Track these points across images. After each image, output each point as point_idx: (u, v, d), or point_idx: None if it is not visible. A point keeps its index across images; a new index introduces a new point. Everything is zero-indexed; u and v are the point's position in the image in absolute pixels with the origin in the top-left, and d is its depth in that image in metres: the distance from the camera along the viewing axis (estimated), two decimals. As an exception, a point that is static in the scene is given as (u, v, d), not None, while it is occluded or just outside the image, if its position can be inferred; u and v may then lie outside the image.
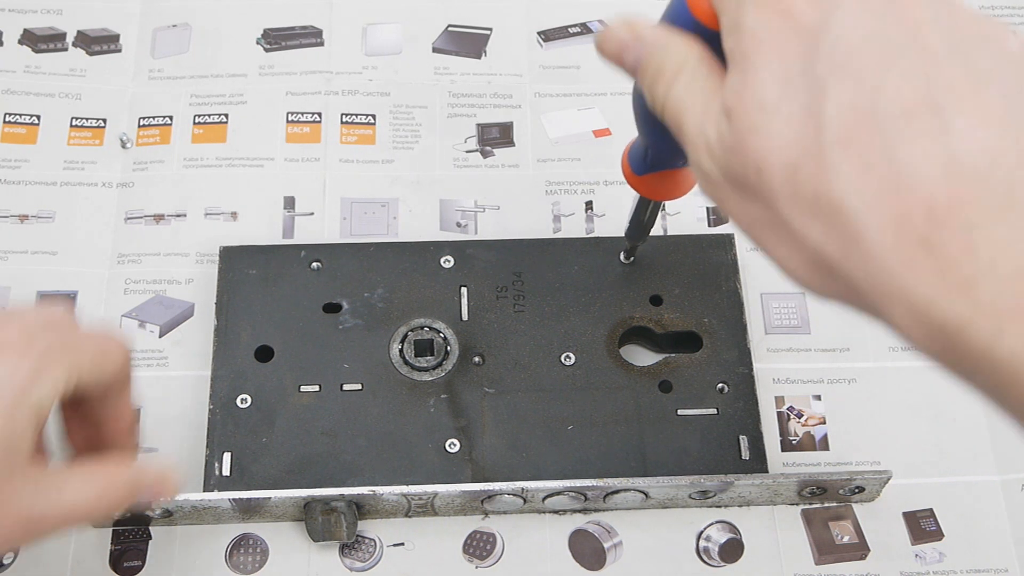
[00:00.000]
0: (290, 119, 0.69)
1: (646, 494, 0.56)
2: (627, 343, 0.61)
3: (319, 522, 0.54)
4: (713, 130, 0.35)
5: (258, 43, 0.72)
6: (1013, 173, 0.29)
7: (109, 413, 0.47)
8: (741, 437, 0.57)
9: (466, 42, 0.72)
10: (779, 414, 0.60)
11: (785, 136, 0.32)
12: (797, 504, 0.58)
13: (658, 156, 0.49)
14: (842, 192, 0.31)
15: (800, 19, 0.33)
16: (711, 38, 0.38)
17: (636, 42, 0.39)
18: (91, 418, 0.47)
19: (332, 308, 0.60)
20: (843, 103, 0.31)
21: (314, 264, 0.61)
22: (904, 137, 0.30)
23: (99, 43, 0.72)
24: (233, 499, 0.54)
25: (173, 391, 0.60)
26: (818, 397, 0.61)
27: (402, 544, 0.56)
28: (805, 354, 0.62)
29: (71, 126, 0.68)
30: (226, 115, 0.69)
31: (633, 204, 0.56)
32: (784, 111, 0.32)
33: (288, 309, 0.60)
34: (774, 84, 0.33)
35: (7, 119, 0.68)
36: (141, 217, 0.65)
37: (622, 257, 0.61)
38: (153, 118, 0.69)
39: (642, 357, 0.61)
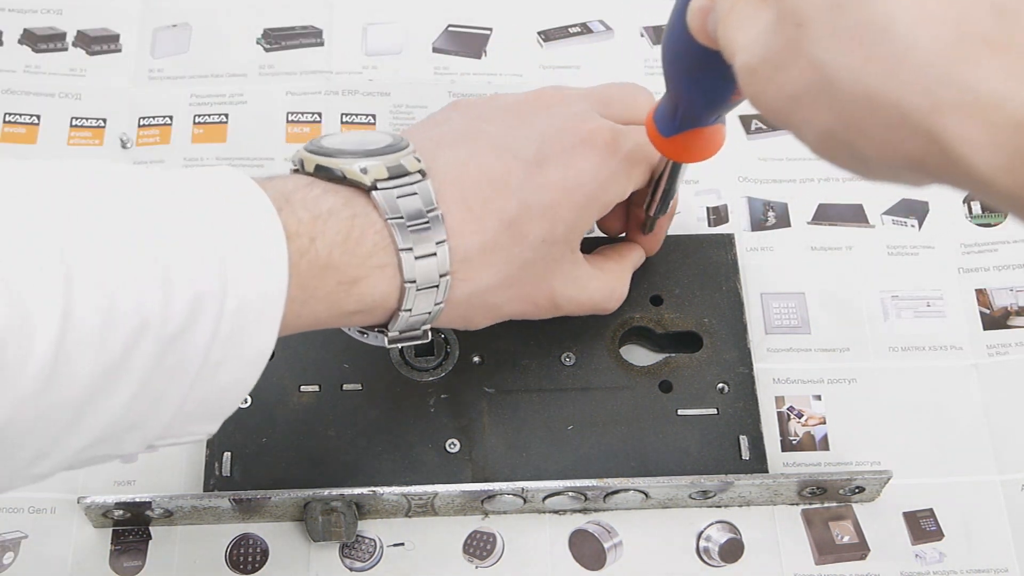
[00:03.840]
0: (290, 119, 0.69)
1: (646, 494, 0.56)
2: (627, 343, 0.61)
3: (319, 522, 0.54)
4: (756, 25, 0.36)
5: (258, 43, 0.72)
6: None
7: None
8: (741, 437, 0.57)
9: (466, 42, 0.72)
10: (779, 414, 0.60)
11: None
12: (797, 504, 0.58)
13: (690, 112, 0.48)
14: (889, 12, 0.30)
15: None
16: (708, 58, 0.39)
17: (710, 2, 0.40)
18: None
19: (332, 308, 0.60)
20: None
21: (314, 264, 0.61)
22: None
23: (99, 43, 0.72)
24: (233, 499, 0.54)
25: (173, 391, 0.60)
26: (818, 397, 0.61)
27: (402, 544, 0.56)
28: (805, 354, 0.62)
29: (71, 126, 0.68)
30: (226, 115, 0.69)
31: (657, 171, 0.54)
32: None
33: (288, 309, 0.59)
34: None
35: (7, 119, 0.68)
36: (141, 217, 0.65)
37: (642, 230, 0.59)
38: (153, 118, 0.69)
39: (642, 357, 0.61)
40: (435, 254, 0.45)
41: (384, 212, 0.44)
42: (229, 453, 0.56)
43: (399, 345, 0.47)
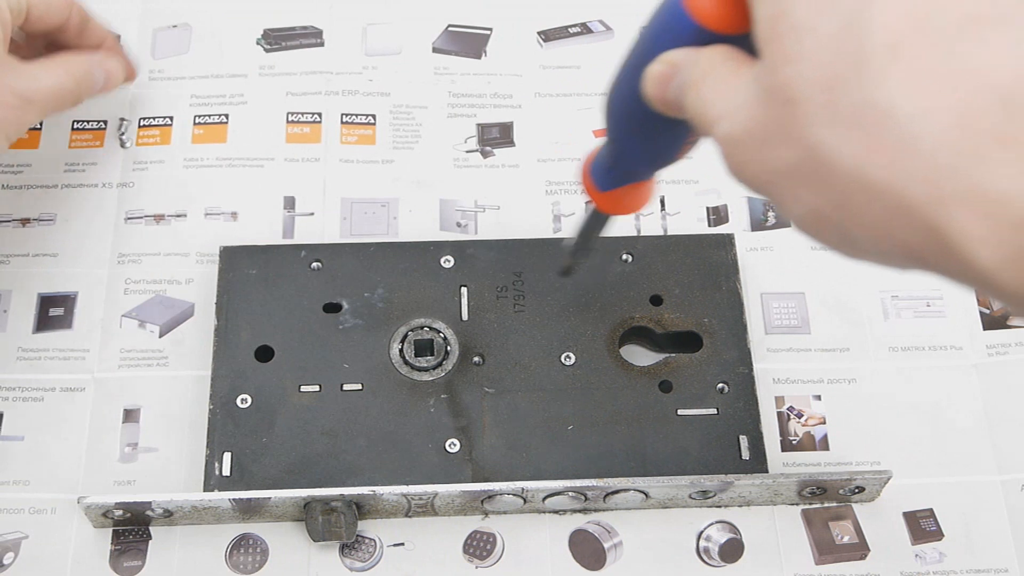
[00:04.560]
0: (290, 119, 0.69)
1: (646, 494, 0.56)
2: (627, 343, 0.61)
3: (319, 522, 0.54)
4: (739, 94, 0.34)
5: (258, 43, 0.72)
6: None
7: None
8: (741, 437, 0.57)
9: (466, 42, 0.72)
10: (779, 414, 0.60)
11: (822, 54, 0.31)
12: (797, 504, 0.58)
13: (630, 167, 0.47)
14: (891, 98, 0.29)
15: None
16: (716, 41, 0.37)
17: (672, 68, 0.38)
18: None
19: (332, 308, 0.60)
20: (891, 13, 0.30)
21: (314, 264, 0.61)
22: (968, 40, 0.28)
23: (99, 43, 0.72)
24: (233, 499, 0.54)
25: (173, 391, 0.60)
26: (818, 397, 0.61)
27: (402, 544, 0.56)
28: (805, 354, 0.62)
29: (72, 129, 0.68)
30: (226, 115, 0.69)
31: (584, 220, 0.53)
32: (821, 30, 0.31)
33: (288, 309, 0.60)
34: (808, 5, 0.31)
35: (7, 119, 0.68)
36: (141, 217, 0.65)
37: (559, 273, 0.59)
38: (153, 118, 0.69)
39: (642, 357, 0.61)
40: None
41: None
42: (229, 453, 0.56)
43: None
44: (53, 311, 0.62)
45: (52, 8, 0.61)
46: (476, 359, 0.59)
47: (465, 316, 0.60)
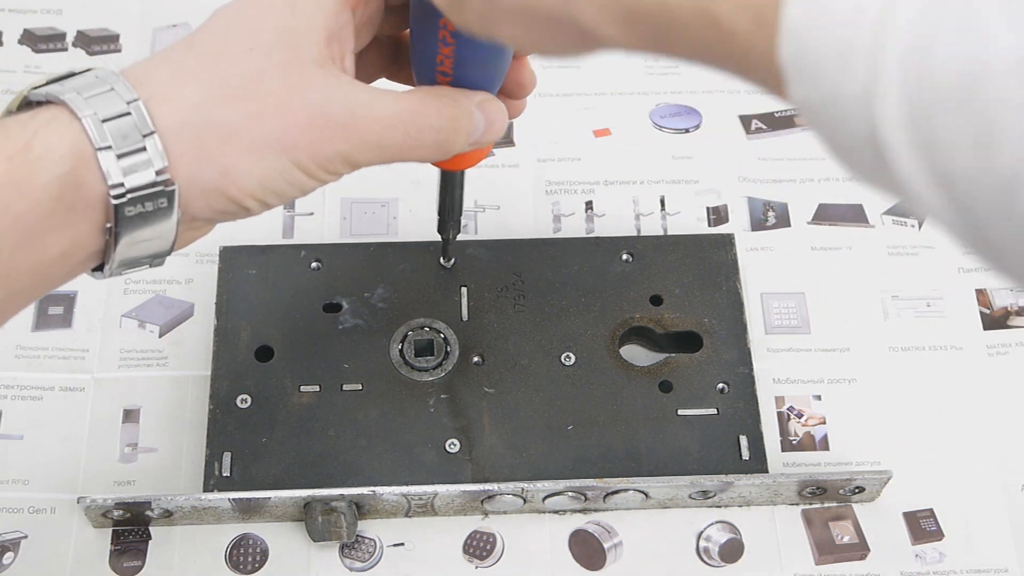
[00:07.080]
0: (290, 119, 0.69)
1: (646, 494, 0.56)
2: (627, 343, 0.61)
3: (319, 522, 0.54)
4: None
5: (258, 43, 0.72)
6: None
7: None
8: (741, 437, 0.57)
9: (466, 42, 0.72)
10: (779, 414, 0.60)
11: None
12: (797, 504, 0.58)
13: None
14: None
15: None
16: None
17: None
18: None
19: (332, 308, 0.60)
20: None
21: (314, 264, 0.61)
22: None
23: (99, 43, 0.71)
24: (233, 499, 0.54)
25: (173, 391, 0.60)
26: (818, 397, 0.61)
27: (402, 544, 0.56)
28: (805, 354, 0.62)
29: (71, 126, 0.68)
30: (226, 115, 0.69)
31: (440, 193, 0.54)
32: None
33: (288, 309, 0.60)
34: None
35: (7, 119, 0.68)
36: (141, 217, 0.65)
37: (441, 260, 0.60)
38: (153, 118, 0.68)
39: (642, 357, 0.61)
40: (112, 88, 0.39)
41: (49, 87, 0.40)
42: (229, 453, 0.56)
43: (133, 205, 0.40)
44: (52, 309, 0.62)
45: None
46: (476, 359, 0.59)
47: (465, 316, 0.60)
